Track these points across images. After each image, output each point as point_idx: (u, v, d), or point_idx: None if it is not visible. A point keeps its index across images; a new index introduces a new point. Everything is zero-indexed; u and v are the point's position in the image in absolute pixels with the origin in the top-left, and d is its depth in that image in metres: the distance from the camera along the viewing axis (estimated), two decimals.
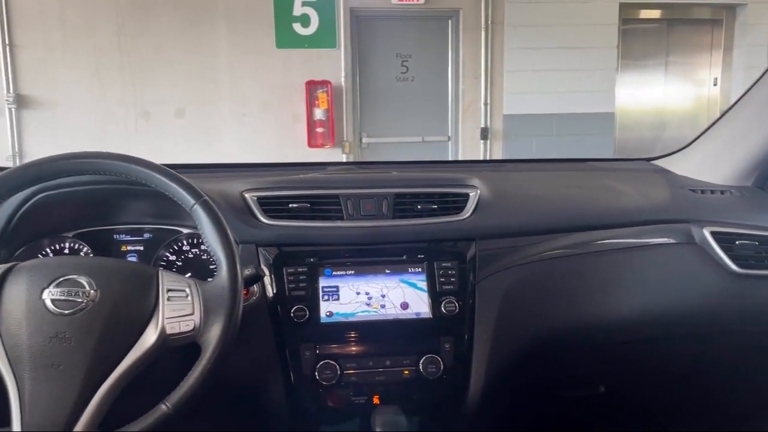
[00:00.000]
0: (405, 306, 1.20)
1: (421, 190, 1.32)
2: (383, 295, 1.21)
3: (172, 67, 5.26)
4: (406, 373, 1.17)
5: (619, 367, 1.47)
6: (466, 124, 5.70)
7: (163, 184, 0.98)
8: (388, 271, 1.23)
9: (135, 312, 0.90)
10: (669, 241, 1.37)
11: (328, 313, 1.18)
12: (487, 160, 5.33)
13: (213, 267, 1.25)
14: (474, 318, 1.21)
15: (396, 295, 1.21)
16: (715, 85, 6.08)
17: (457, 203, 1.30)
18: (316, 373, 1.14)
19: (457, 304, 1.20)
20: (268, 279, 1.18)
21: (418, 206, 1.29)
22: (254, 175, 1.39)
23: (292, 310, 1.16)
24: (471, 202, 1.30)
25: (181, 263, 1.25)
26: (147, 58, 5.24)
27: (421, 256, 1.24)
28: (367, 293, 1.21)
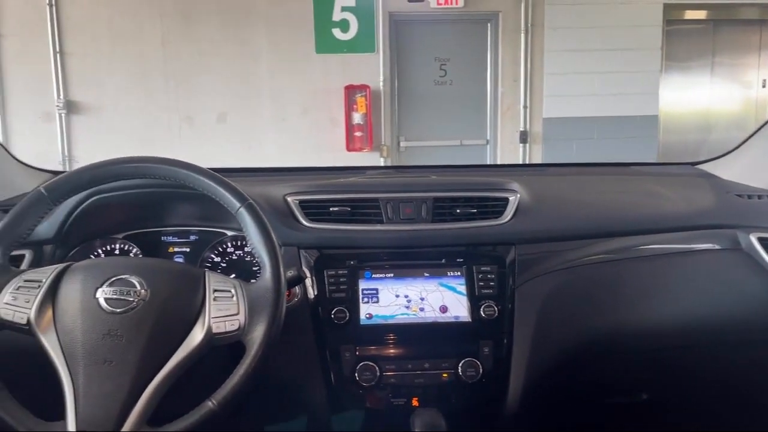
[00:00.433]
0: (444, 309, 1.21)
1: (461, 194, 1.32)
2: (422, 298, 1.22)
3: (214, 73, 5.38)
4: (444, 376, 1.18)
5: (661, 375, 1.45)
6: (504, 128, 5.66)
7: (210, 187, 1.01)
8: (427, 275, 1.23)
9: (183, 311, 0.93)
10: (714, 247, 1.34)
11: (368, 315, 1.20)
12: (527, 164, 5.28)
13: (256, 268, 1.28)
14: (513, 322, 1.21)
15: (435, 299, 1.22)
16: (764, 86, 5.90)
17: (497, 207, 1.30)
18: (356, 374, 1.16)
19: (496, 308, 1.20)
20: (309, 281, 1.20)
21: (457, 210, 1.29)
22: (296, 179, 1.41)
23: (333, 312, 1.18)
24: (511, 207, 1.30)
25: (225, 264, 1.29)
26: (190, 65, 5.37)
27: (460, 260, 1.25)
28: (407, 296, 1.22)
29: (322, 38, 5.39)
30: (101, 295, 0.91)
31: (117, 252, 1.27)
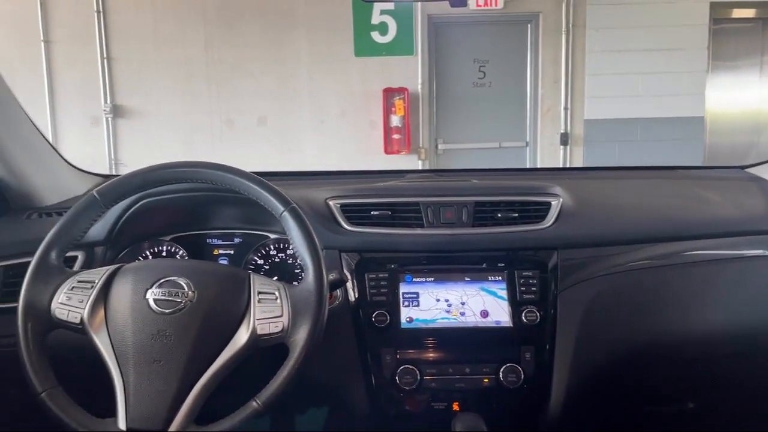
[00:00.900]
0: (485, 314, 1.21)
1: (502, 198, 1.31)
2: (463, 303, 1.21)
3: (254, 77, 5.47)
4: (485, 381, 1.17)
5: (709, 384, 1.41)
6: (545, 130, 5.59)
7: (255, 191, 1.03)
8: (468, 279, 1.23)
9: (229, 312, 0.95)
10: (765, 254, 1.30)
11: (409, 319, 1.20)
12: (568, 168, 5.21)
13: (298, 271, 1.30)
14: (555, 328, 1.20)
15: (476, 303, 1.21)
16: None
17: (539, 212, 1.29)
18: (397, 378, 1.16)
19: (538, 314, 1.19)
20: (350, 284, 1.21)
21: (498, 214, 1.28)
22: (336, 183, 1.43)
23: (374, 315, 1.19)
24: (553, 211, 1.29)
25: (268, 267, 1.31)
26: (232, 69, 5.47)
27: (502, 265, 1.24)
28: (447, 300, 1.22)
29: (361, 41, 5.42)
30: (151, 296, 0.94)
31: (164, 254, 1.30)
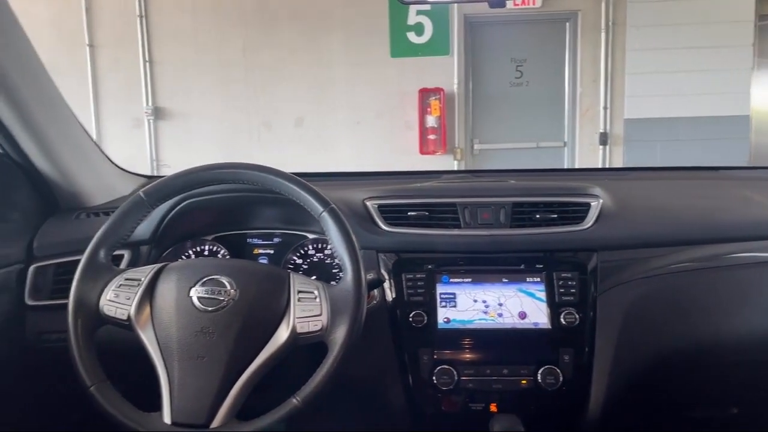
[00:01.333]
0: (523, 315, 1.20)
1: (540, 199, 1.30)
2: (500, 304, 1.21)
3: (291, 79, 5.53)
4: (523, 383, 1.17)
5: (754, 389, 1.38)
6: (583, 129, 5.51)
7: (295, 192, 1.05)
8: (506, 280, 1.23)
9: (269, 311, 0.97)
10: None
11: (446, 320, 1.20)
12: (607, 168, 5.12)
13: (336, 271, 1.31)
14: (595, 331, 1.18)
15: (513, 305, 1.21)
16: None
17: (578, 213, 1.28)
18: (434, 378, 1.17)
19: (577, 316, 1.18)
20: (387, 284, 1.22)
21: (537, 215, 1.28)
22: (373, 183, 1.43)
23: (411, 315, 1.19)
24: (593, 212, 1.27)
25: (306, 266, 1.33)
26: (269, 71, 5.55)
27: (540, 266, 1.23)
28: (485, 301, 1.21)
29: (397, 42, 5.43)
30: (194, 294, 0.97)
31: (206, 253, 1.33)
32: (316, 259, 1.33)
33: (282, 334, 0.96)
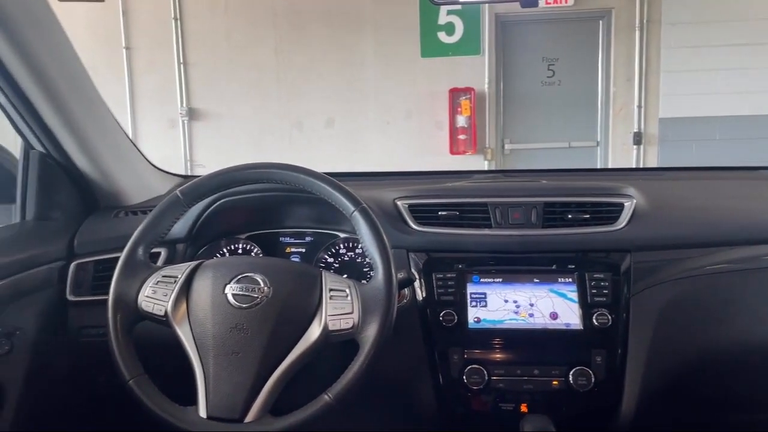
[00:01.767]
0: (554, 316, 1.19)
1: (573, 199, 1.29)
2: (532, 304, 1.21)
3: (322, 80, 5.57)
4: (555, 383, 1.16)
5: None
6: (616, 129, 5.43)
7: (327, 191, 1.06)
8: (537, 281, 1.22)
9: (302, 308, 0.99)
10: None
11: (476, 319, 1.20)
12: (642, 168, 5.03)
13: (366, 269, 1.32)
14: (628, 332, 1.17)
15: (545, 305, 1.20)
16: None
17: (611, 213, 1.27)
18: (464, 377, 1.17)
19: (609, 317, 1.17)
20: (418, 283, 1.23)
21: (569, 216, 1.27)
22: (403, 183, 1.44)
23: (441, 314, 1.20)
24: (626, 212, 1.26)
25: (338, 265, 1.34)
26: (300, 72, 5.60)
27: (572, 267, 1.22)
28: (515, 301, 1.21)
29: (428, 42, 5.42)
30: (229, 291, 0.99)
31: (240, 251, 1.35)
32: (347, 258, 1.34)
33: (314, 332, 0.97)
